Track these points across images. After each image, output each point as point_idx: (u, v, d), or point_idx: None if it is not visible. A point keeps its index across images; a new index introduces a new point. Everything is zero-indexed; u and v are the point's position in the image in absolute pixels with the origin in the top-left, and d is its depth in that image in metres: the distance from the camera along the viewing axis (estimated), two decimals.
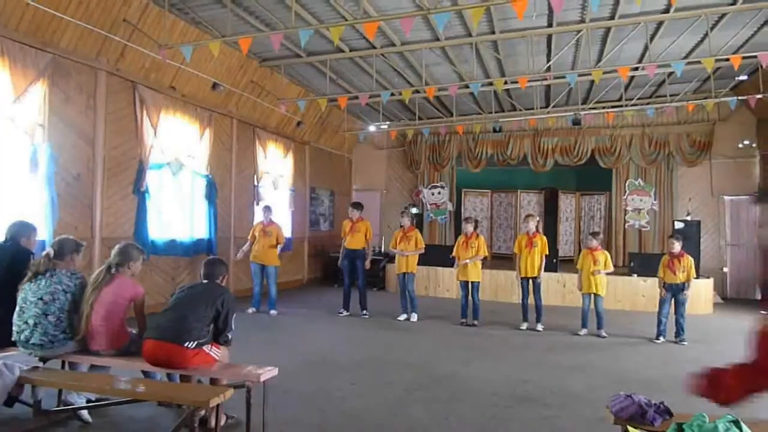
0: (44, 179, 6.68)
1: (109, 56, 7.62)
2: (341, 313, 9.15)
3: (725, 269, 12.60)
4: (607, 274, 8.09)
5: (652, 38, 9.06)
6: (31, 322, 3.75)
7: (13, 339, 3.82)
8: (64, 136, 7.07)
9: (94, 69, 7.50)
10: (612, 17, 8.27)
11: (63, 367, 4.12)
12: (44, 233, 6.33)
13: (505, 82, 10.32)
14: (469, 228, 8.67)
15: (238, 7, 7.92)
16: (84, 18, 6.90)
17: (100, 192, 7.61)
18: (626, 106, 12.03)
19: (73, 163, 7.22)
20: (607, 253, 8.19)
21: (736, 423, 2.45)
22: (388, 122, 13.68)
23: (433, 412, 4.50)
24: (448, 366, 6.06)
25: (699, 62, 8.69)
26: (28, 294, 3.81)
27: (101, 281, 3.96)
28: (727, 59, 8.57)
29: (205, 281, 4.13)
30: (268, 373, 3.69)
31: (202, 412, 3.52)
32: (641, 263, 10.55)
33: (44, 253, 4.04)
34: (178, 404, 3.91)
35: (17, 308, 3.82)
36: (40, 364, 3.76)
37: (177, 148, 8.92)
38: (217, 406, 3.24)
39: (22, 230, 4.39)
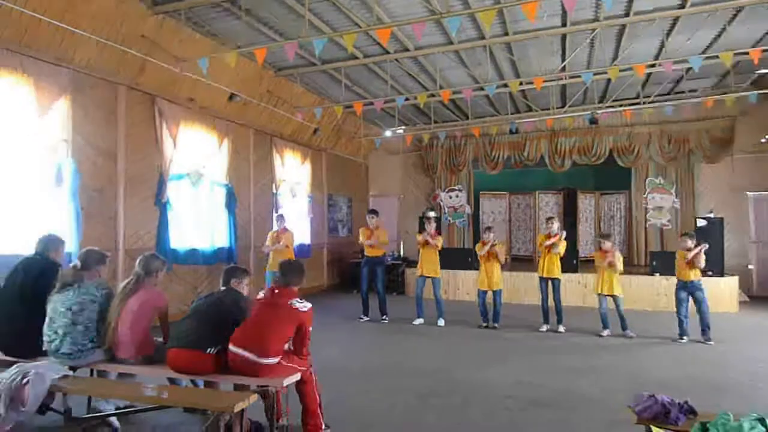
0: (69, 193, 6.84)
1: (128, 71, 7.78)
2: (361, 319, 9.20)
3: (750, 266, 12.38)
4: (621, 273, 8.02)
5: (668, 34, 8.99)
6: (60, 331, 3.86)
7: (44, 348, 3.93)
8: (87, 150, 7.23)
9: (113, 84, 7.66)
10: (626, 14, 8.21)
11: (92, 375, 4.22)
12: (70, 246, 6.47)
13: (521, 84, 10.29)
14: (490, 237, 8.66)
15: (252, 18, 8.03)
16: (103, 34, 7.06)
17: (122, 204, 7.76)
18: (644, 103, 11.91)
19: (95, 176, 7.37)
20: (618, 253, 8.10)
21: (762, 421, 2.44)
22: (403, 127, 13.71)
23: (446, 417, 4.51)
24: (466, 370, 6.07)
25: (717, 57, 8.61)
26: (57, 305, 3.92)
27: (128, 291, 4.06)
28: (746, 53, 8.45)
29: (223, 288, 4.21)
30: (292, 378, 3.74)
31: (227, 418, 3.57)
32: (662, 262, 10.41)
33: (71, 264, 4.16)
34: (203, 410, 3.98)
35: (47, 319, 3.93)
36: (70, 373, 3.85)
37: (196, 158, 9.06)
38: (242, 411, 3.29)
39: (50, 243, 4.51)
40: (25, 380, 3.46)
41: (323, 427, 3.93)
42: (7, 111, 6.16)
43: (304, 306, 3.82)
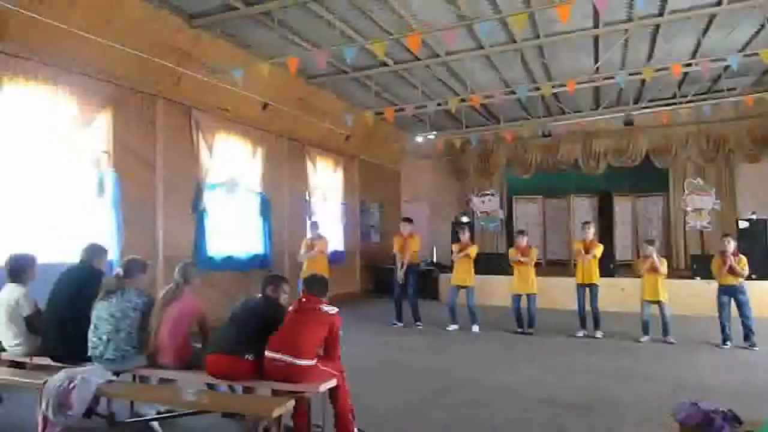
0: (110, 203, 7.06)
1: (166, 83, 7.99)
2: (395, 324, 9.21)
3: None
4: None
5: (704, 32, 8.79)
6: (104, 338, 3.99)
7: (89, 354, 4.06)
8: (127, 161, 7.45)
9: (152, 96, 7.89)
10: (661, 14, 8.06)
11: (134, 380, 4.33)
12: (112, 254, 6.67)
13: (552, 86, 10.18)
14: (522, 241, 8.61)
15: (284, 28, 8.16)
16: (142, 47, 7.26)
17: (161, 213, 7.96)
18: (680, 103, 11.64)
19: (135, 186, 7.58)
20: (663, 259, 7.94)
21: None
22: (435, 132, 13.69)
23: (480, 422, 4.49)
24: (502, 375, 6.03)
25: (756, 54, 8.37)
26: (101, 312, 4.05)
27: (168, 298, 4.18)
28: None
29: (260, 295, 4.28)
30: (328, 384, 3.78)
31: (265, 423, 3.63)
32: (703, 265, 10.12)
33: (114, 273, 4.29)
34: (241, 415, 4.06)
35: (92, 325, 4.07)
36: (114, 378, 3.97)
37: (231, 167, 9.24)
38: (280, 416, 3.34)
39: (94, 252, 4.66)
40: (72, 385, 3.59)
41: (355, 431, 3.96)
42: (50, 124, 6.39)
43: (332, 309, 3.98)
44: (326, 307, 3.96)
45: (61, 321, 4.24)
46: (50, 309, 4.33)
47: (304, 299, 4.02)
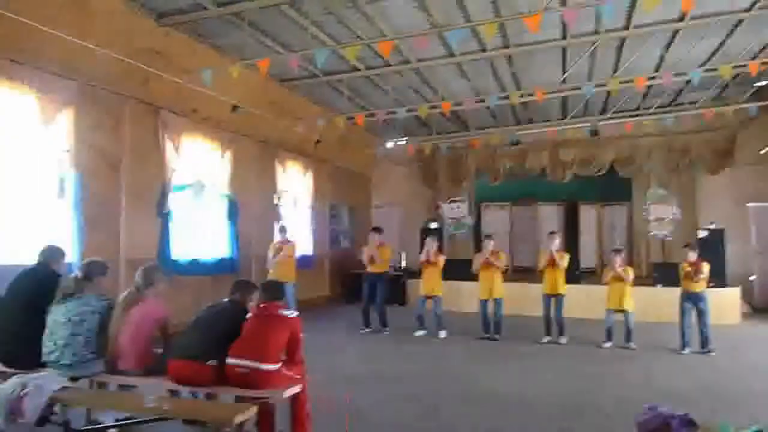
0: (71, 204, 6.87)
1: (133, 83, 7.83)
2: (363, 330, 9.19)
3: (753, 278, 12.33)
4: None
5: (668, 47, 9.05)
6: (60, 342, 3.86)
7: (43, 359, 3.93)
8: (91, 161, 7.26)
9: (119, 96, 7.71)
10: (626, 27, 8.27)
11: (92, 386, 4.21)
12: (72, 256, 6.49)
13: (521, 95, 10.33)
14: (489, 245, 8.68)
15: (256, 30, 8.10)
16: (109, 46, 7.11)
17: (125, 215, 7.79)
18: (645, 115, 11.94)
19: (99, 187, 7.40)
20: (630, 268, 8.12)
21: None
22: (406, 138, 13.75)
23: (448, 425, 4.48)
24: (467, 379, 6.07)
25: (716, 70, 8.64)
26: (57, 315, 3.93)
27: (129, 302, 4.07)
28: (745, 65, 8.49)
29: (226, 300, 4.21)
30: (292, 389, 3.73)
31: (228, 430, 3.56)
32: (665, 273, 10.39)
33: (72, 275, 4.17)
34: (203, 422, 3.97)
35: (47, 329, 3.93)
36: (70, 384, 3.84)
37: (199, 169, 9.10)
38: (242, 423, 3.29)
39: (51, 254, 4.53)
40: (23, 392, 3.47)
41: None
42: (11, 122, 6.20)
43: (292, 313, 3.98)
44: (286, 311, 3.95)
45: (15, 325, 4.09)
46: (3, 312, 4.18)
47: (262, 305, 3.99)
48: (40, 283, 4.26)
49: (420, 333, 8.88)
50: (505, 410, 4.95)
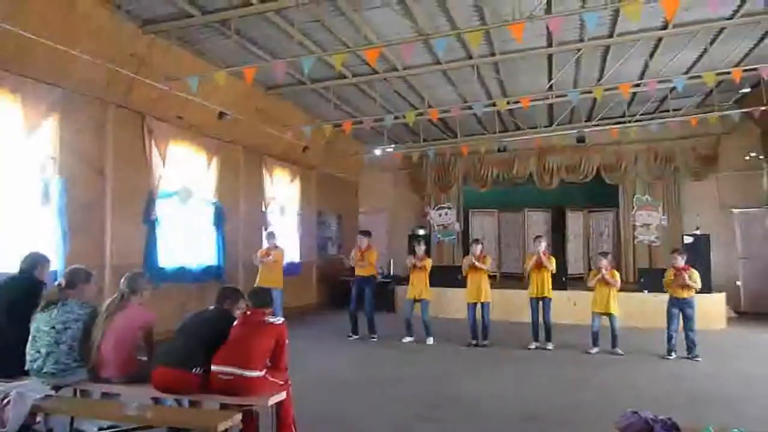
0: (56, 211, 6.81)
1: (118, 89, 7.80)
2: (350, 337, 9.17)
3: (738, 283, 12.47)
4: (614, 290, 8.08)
5: (652, 54, 9.16)
6: (43, 350, 3.82)
7: (26, 368, 3.88)
8: (75, 168, 7.21)
9: (103, 102, 7.68)
10: (610, 35, 8.36)
11: (75, 395, 4.16)
12: (56, 263, 6.43)
13: (508, 102, 10.40)
14: (476, 249, 8.70)
15: (242, 37, 8.09)
16: (94, 53, 7.08)
17: (110, 221, 7.73)
18: (630, 122, 12.06)
19: (83, 194, 7.35)
20: (616, 272, 8.19)
21: None
22: (393, 145, 13.79)
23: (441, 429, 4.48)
24: (455, 386, 6.06)
25: (700, 77, 8.76)
26: (40, 323, 3.88)
27: (112, 310, 4.03)
28: (729, 73, 8.61)
29: (212, 307, 4.19)
30: (277, 397, 3.72)
31: None
32: (651, 279, 10.47)
33: (56, 283, 4.13)
34: (187, 430, 3.93)
35: (30, 337, 3.89)
36: (53, 393, 3.80)
37: (185, 176, 9.06)
38: (225, 430, 3.26)
39: (35, 261, 4.49)
40: (6, 400, 3.42)
41: None
42: None
43: (278, 320, 3.97)
44: (271, 318, 3.94)
45: None
46: None
47: (248, 312, 3.97)
48: (24, 291, 4.23)
49: (408, 340, 8.87)
50: (488, 416, 4.95)
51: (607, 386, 6.12)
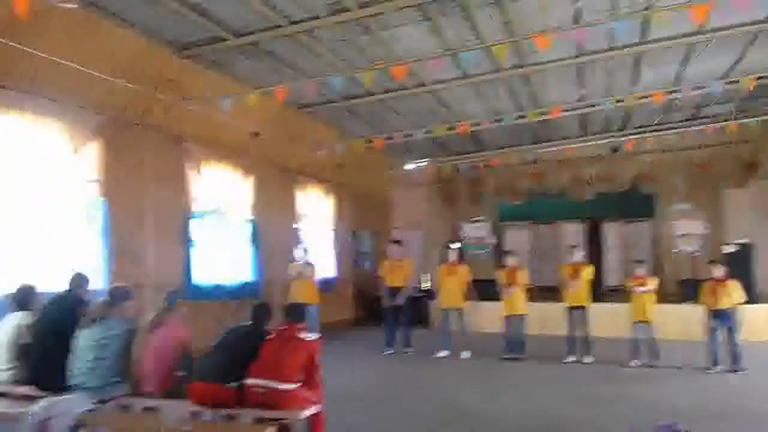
0: (99, 232, 7.07)
1: (155, 113, 8.08)
2: (386, 351, 9.14)
3: None
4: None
5: (686, 60, 9.00)
6: (86, 366, 3.98)
7: (69, 383, 4.03)
8: (117, 190, 7.47)
9: (141, 126, 7.96)
10: (641, 43, 8.26)
11: (116, 409, 4.28)
12: (100, 283, 6.66)
13: (539, 114, 10.34)
14: (513, 261, 8.66)
15: (273, 59, 8.30)
16: (131, 79, 7.36)
17: (150, 241, 7.96)
18: (666, 129, 11.83)
19: (125, 215, 7.60)
20: (655, 278, 8.03)
21: None
22: (425, 160, 13.83)
23: None
24: (487, 401, 6.02)
25: (737, 82, 8.57)
26: (83, 340, 4.05)
27: (152, 326, 4.17)
28: (766, 77, 8.40)
29: (249, 324, 4.28)
30: (310, 410, 3.76)
31: None
32: (693, 290, 10.16)
33: (99, 301, 4.29)
34: None
35: (73, 353, 4.05)
36: (95, 407, 3.93)
37: (221, 195, 9.28)
38: None
39: (77, 281, 4.69)
40: (50, 414, 3.55)
41: None
42: (40, 153, 6.44)
43: (311, 336, 4.07)
44: (305, 334, 4.01)
45: (44, 349, 4.24)
46: (35, 337, 4.33)
47: (282, 327, 4.07)
48: (68, 310, 4.40)
49: (443, 354, 8.80)
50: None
51: (644, 400, 5.96)
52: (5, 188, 6.14)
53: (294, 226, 11.62)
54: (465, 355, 8.66)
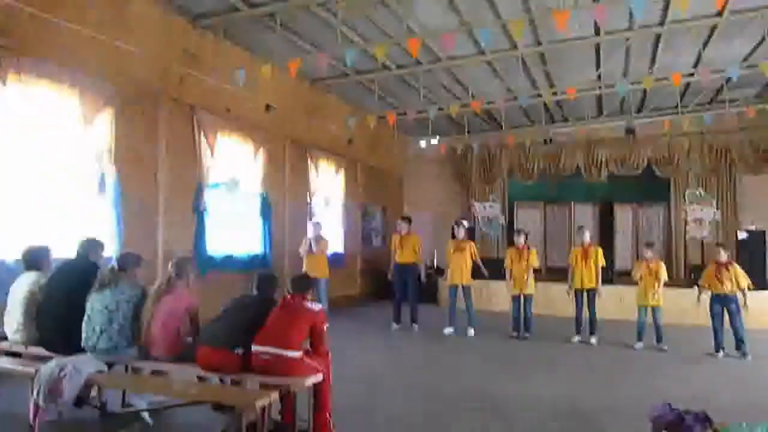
0: (111, 201, 7.16)
1: (170, 84, 8.10)
2: (393, 326, 9.25)
3: None
4: (664, 284, 7.89)
5: (705, 43, 8.84)
6: (97, 329, 4.07)
7: (82, 345, 4.14)
8: (129, 160, 7.53)
9: (155, 96, 7.99)
10: (661, 23, 8.12)
11: (127, 371, 4.41)
12: (111, 251, 6.76)
13: (554, 93, 10.24)
14: (520, 240, 8.67)
15: (288, 31, 8.27)
16: (146, 48, 7.38)
17: (162, 212, 8.05)
18: (683, 113, 11.66)
19: (137, 184, 7.67)
20: (662, 263, 8.00)
21: None
22: (438, 138, 13.76)
23: (475, 427, 4.48)
24: (498, 382, 6.03)
25: (756, 66, 8.41)
26: (94, 303, 4.14)
27: (161, 292, 4.26)
28: None
29: (256, 293, 4.36)
30: (314, 378, 3.84)
31: (251, 416, 3.67)
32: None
33: (109, 266, 4.38)
34: (231, 408, 4.12)
35: (86, 316, 4.15)
36: (106, 368, 4.04)
37: (233, 167, 9.33)
38: (264, 408, 3.41)
39: (90, 246, 4.75)
40: (63, 373, 3.67)
41: (332, 427, 4.05)
42: (53, 121, 6.49)
43: (317, 306, 4.10)
44: (310, 304, 4.07)
45: (56, 312, 4.33)
46: (46, 300, 4.42)
47: (288, 297, 4.14)
48: (80, 273, 4.48)
49: (449, 330, 8.88)
50: (525, 412, 4.91)
51: (649, 382, 6.00)
52: (18, 156, 6.22)
53: (305, 200, 11.67)
54: (470, 333, 8.73)
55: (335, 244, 12.21)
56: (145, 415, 4.28)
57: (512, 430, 4.44)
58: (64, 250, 5.98)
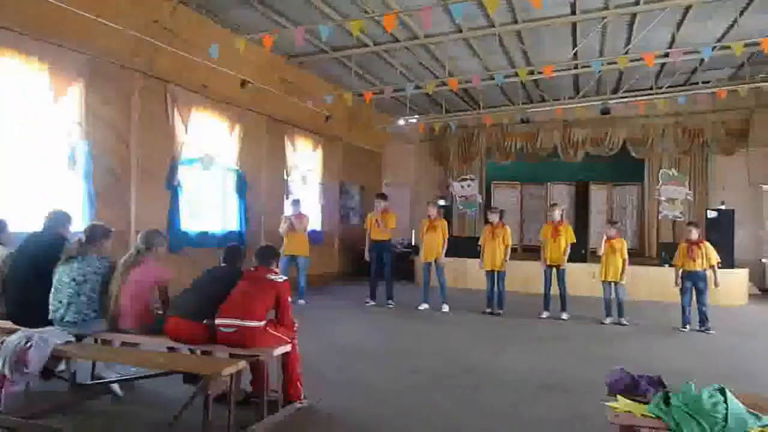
0: (82, 175, 7.06)
1: (143, 57, 7.96)
2: (368, 303, 9.33)
3: (764, 260, 12.24)
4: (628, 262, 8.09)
5: (680, 24, 8.91)
6: (65, 301, 4.06)
7: (49, 317, 4.12)
8: (101, 134, 7.43)
9: (128, 70, 7.86)
10: (637, 2, 8.17)
11: (96, 343, 4.39)
12: (82, 226, 6.68)
13: (531, 72, 10.26)
14: (494, 218, 8.76)
15: (265, 7, 8.16)
16: (119, 21, 7.23)
17: (135, 187, 7.97)
18: (657, 94, 11.79)
19: (109, 159, 7.58)
20: (624, 241, 8.18)
21: (722, 391, 2.51)
22: (416, 116, 13.74)
23: (456, 399, 4.54)
24: (472, 355, 6.14)
25: (729, 48, 8.51)
26: (62, 275, 4.11)
27: (129, 264, 4.25)
28: (758, 43, 8.33)
29: (224, 265, 4.37)
30: (282, 348, 3.89)
31: (224, 386, 3.68)
32: (672, 253, 10.34)
33: (76, 238, 4.35)
34: (201, 379, 4.14)
35: (53, 289, 4.13)
36: (73, 339, 4.03)
37: (208, 143, 9.24)
38: (232, 377, 3.44)
39: (58, 219, 4.71)
40: (28, 344, 3.66)
41: (302, 396, 4.12)
42: (22, 94, 6.37)
43: (280, 278, 4.12)
44: (273, 276, 4.10)
45: (23, 285, 4.30)
46: (12, 273, 4.38)
47: (253, 269, 4.18)
48: (47, 246, 4.44)
49: (423, 307, 8.99)
50: (503, 385, 4.98)
51: (618, 356, 6.13)
52: None
53: (282, 177, 11.62)
54: (445, 308, 8.85)
55: (313, 221, 12.19)
56: (115, 386, 4.29)
57: (493, 399, 4.53)
58: (33, 224, 5.92)
